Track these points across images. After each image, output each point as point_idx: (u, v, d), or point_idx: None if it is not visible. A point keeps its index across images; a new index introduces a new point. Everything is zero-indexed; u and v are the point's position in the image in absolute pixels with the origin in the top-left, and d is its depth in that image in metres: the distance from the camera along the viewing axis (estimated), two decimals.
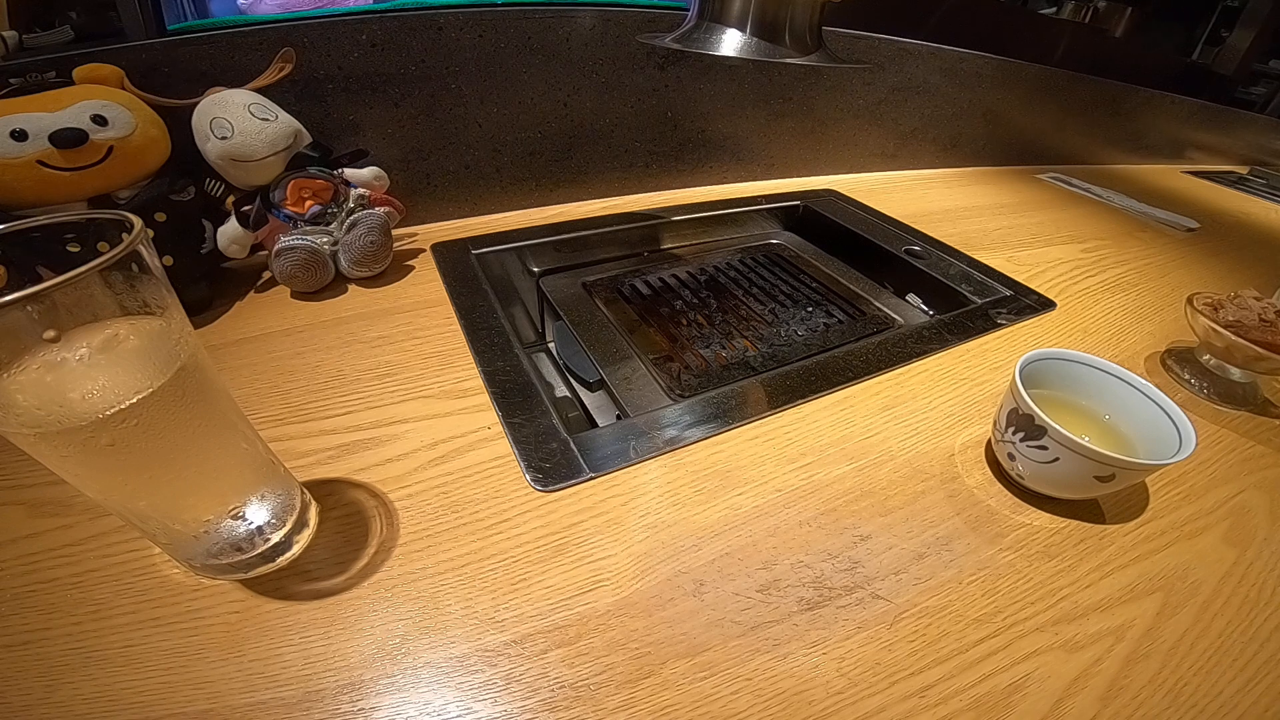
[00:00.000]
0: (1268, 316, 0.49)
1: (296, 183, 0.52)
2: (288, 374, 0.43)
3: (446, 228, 0.66)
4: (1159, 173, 1.23)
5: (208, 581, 0.30)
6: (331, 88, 0.56)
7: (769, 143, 0.84)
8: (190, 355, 0.25)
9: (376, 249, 0.53)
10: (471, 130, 0.64)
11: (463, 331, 0.49)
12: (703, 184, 0.83)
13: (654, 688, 0.27)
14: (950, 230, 0.76)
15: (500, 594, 0.30)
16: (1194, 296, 0.51)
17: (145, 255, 0.22)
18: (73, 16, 0.54)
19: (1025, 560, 0.34)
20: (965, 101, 0.96)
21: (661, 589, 0.31)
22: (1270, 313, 0.49)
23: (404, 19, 0.56)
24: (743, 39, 0.42)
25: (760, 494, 0.36)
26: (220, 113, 0.48)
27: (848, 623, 0.30)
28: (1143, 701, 0.28)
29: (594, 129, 0.71)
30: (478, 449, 0.38)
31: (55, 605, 0.28)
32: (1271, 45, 1.41)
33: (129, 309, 0.23)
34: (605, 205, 0.74)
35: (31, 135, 0.40)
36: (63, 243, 0.23)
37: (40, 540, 0.31)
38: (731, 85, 0.76)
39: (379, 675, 0.26)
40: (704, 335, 0.58)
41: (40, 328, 0.21)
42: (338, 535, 0.32)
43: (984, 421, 0.44)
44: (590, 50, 0.65)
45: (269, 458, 0.30)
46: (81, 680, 0.26)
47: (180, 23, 0.58)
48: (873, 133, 0.91)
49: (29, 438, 0.21)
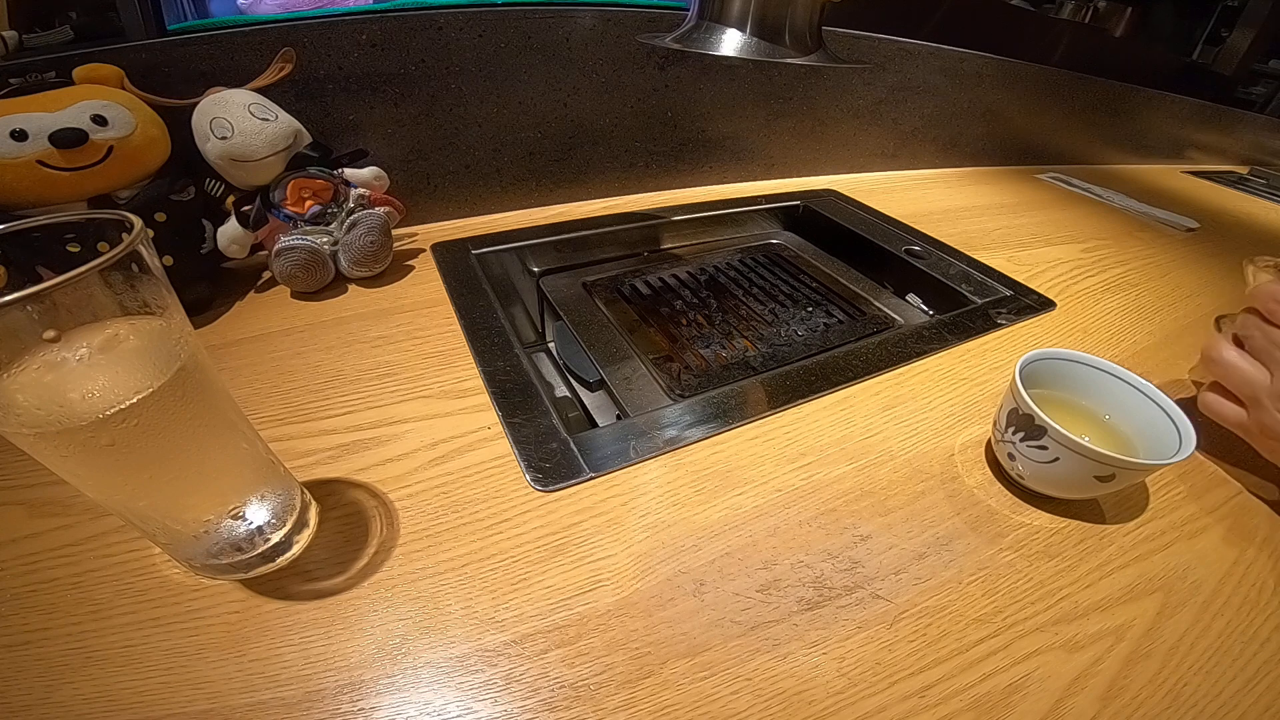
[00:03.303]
0: None
1: (296, 183, 0.52)
2: (288, 374, 0.43)
3: (446, 228, 0.66)
4: (1159, 173, 1.23)
5: (208, 581, 0.30)
6: (331, 88, 0.56)
7: (769, 143, 0.84)
8: (190, 355, 0.25)
9: (376, 249, 0.53)
10: (471, 130, 0.64)
11: (463, 331, 0.49)
12: (703, 184, 0.83)
13: (654, 688, 0.27)
14: (950, 230, 0.76)
15: (500, 594, 0.30)
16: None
17: (145, 255, 0.22)
18: (73, 16, 0.54)
19: (1025, 560, 0.34)
20: (965, 101, 0.96)
21: (661, 589, 0.31)
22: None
23: (404, 19, 0.56)
24: (743, 39, 0.42)
25: (760, 494, 0.36)
26: (220, 113, 0.48)
27: (848, 623, 0.30)
28: (1143, 701, 0.28)
29: (594, 129, 0.71)
30: (478, 449, 0.38)
31: (55, 605, 0.28)
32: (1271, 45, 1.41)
33: (129, 309, 0.23)
34: (605, 205, 0.74)
35: (31, 135, 0.40)
36: (63, 243, 0.23)
37: (40, 540, 0.31)
38: (731, 85, 0.76)
39: (379, 675, 0.26)
40: (704, 335, 0.58)
41: (40, 328, 0.21)
42: (338, 535, 0.32)
43: (984, 421, 0.44)
44: (590, 50, 0.65)
45: (269, 458, 0.30)
46: (81, 680, 0.26)
47: (180, 23, 0.58)
48: (873, 133, 0.91)
49: (29, 438, 0.21)
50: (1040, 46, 1.07)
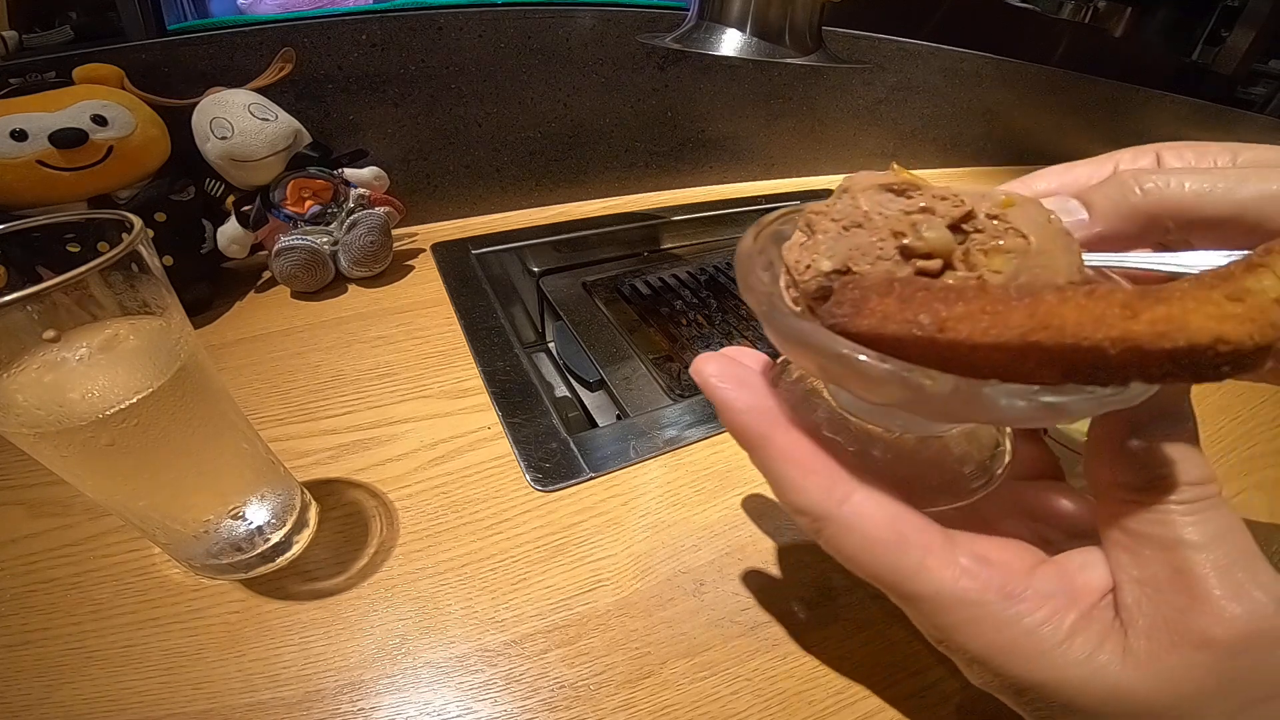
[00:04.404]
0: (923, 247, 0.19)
1: (296, 183, 0.52)
2: (288, 374, 0.43)
3: (446, 228, 0.66)
4: None
5: (208, 581, 0.30)
6: (331, 88, 0.56)
7: (769, 143, 0.84)
8: (190, 355, 0.25)
9: (376, 249, 0.53)
10: (471, 130, 0.64)
11: (463, 331, 0.49)
12: (703, 184, 0.83)
13: (654, 687, 0.27)
14: None
15: (500, 594, 0.30)
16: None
17: (145, 255, 0.22)
18: (73, 16, 0.54)
19: None
20: (965, 101, 0.96)
21: (661, 589, 0.31)
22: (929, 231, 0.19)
23: (404, 19, 0.56)
24: (743, 39, 0.42)
25: (760, 493, 0.36)
26: (220, 113, 0.48)
27: (848, 622, 0.30)
28: None
29: (594, 129, 0.71)
30: (478, 449, 0.38)
31: (55, 605, 0.28)
32: (1271, 45, 1.41)
33: (129, 309, 0.23)
34: (605, 205, 0.74)
35: (31, 135, 0.40)
36: (63, 243, 0.23)
37: (40, 540, 0.31)
38: (731, 85, 0.76)
39: (379, 675, 0.26)
40: (704, 335, 0.58)
41: (40, 328, 0.21)
42: (338, 535, 0.32)
43: None
44: (590, 50, 0.65)
45: (269, 458, 0.30)
46: (81, 680, 0.26)
47: (180, 23, 0.58)
48: (873, 133, 0.91)
49: (29, 438, 0.21)
50: (1040, 46, 1.07)
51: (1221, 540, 0.15)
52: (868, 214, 0.17)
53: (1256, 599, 0.15)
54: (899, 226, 0.17)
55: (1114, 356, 0.13)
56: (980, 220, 0.17)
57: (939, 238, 0.16)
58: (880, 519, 0.17)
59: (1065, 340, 0.13)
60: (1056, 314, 0.13)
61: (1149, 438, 0.16)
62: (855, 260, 0.17)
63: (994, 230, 0.17)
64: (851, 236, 0.17)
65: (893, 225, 0.17)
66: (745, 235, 0.20)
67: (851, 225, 0.17)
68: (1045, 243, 0.16)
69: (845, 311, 0.16)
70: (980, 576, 0.17)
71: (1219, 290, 0.12)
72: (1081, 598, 0.17)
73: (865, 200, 0.18)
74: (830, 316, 0.16)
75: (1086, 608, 0.16)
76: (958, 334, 0.14)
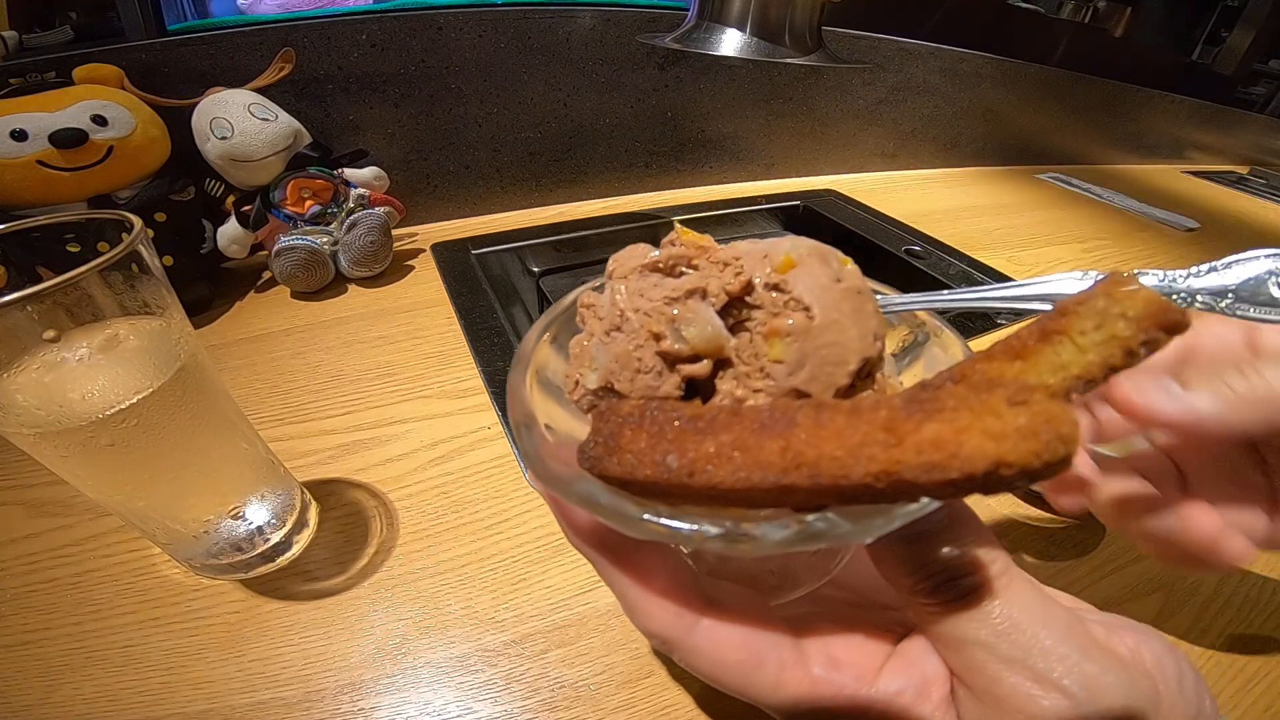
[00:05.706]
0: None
1: (296, 183, 0.52)
2: (288, 374, 0.43)
3: (446, 228, 0.66)
4: (1159, 173, 1.23)
5: (208, 581, 0.30)
6: (331, 88, 0.56)
7: (769, 143, 0.84)
8: (190, 355, 0.25)
9: (376, 249, 0.53)
10: (471, 130, 0.64)
11: (463, 331, 0.49)
12: (702, 184, 0.83)
13: (654, 687, 0.27)
14: (950, 230, 0.76)
15: (500, 594, 0.30)
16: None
17: (145, 255, 0.22)
18: (73, 16, 0.54)
19: (1025, 561, 0.34)
20: (965, 101, 0.96)
21: None
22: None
23: (404, 19, 0.56)
24: (743, 39, 0.42)
25: None
26: (220, 113, 0.48)
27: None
28: None
29: (594, 129, 0.71)
30: (478, 449, 0.38)
31: (55, 605, 0.28)
32: (1271, 45, 1.41)
33: (129, 309, 0.23)
34: (605, 205, 0.74)
35: (31, 135, 0.40)
36: (63, 243, 0.23)
37: (40, 540, 0.31)
38: (731, 85, 0.76)
39: (379, 675, 0.26)
40: None
41: (40, 328, 0.21)
42: (338, 535, 0.32)
43: None
44: (590, 50, 0.65)
45: (269, 458, 0.30)
46: (81, 680, 0.26)
47: (180, 23, 0.58)
48: (873, 133, 0.91)
49: (29, 438, 0.21)
50: (1040, 46, 1.07)
51: (1009, 632, 0.15)
52: (623, 314, 0.15)
53: (1050, 702, 0.14)
54: (657, 327, 0.15)
55: (883, 490, 0.11)
56: (758, 294, 0.15)
57: (701, 335, 0.14)
58: (733, 641, 0.17)
59: (822, 483, 0.11)
60: (812, 446, 0.12)
61: (922, 544, 0.16)
62: (616, 376, 0.15)
63: (773, 304, 0.15)
64: (612, 344, 0.15)
65: (651, 326, 0.15)
66: (528, 334, 0.18)
67: (611, 328, 0.15)
68: (830, 312, 0.14)
69: (598, 453, 0.14)
70: (834, 683, 0.16)
71: (998, 395, 0.11)
72: (930, 688, 0.16)
73: (625, 291, 0.15)
74: (585, 458, 0.14)
75: (938, 700, 0.16)
76: (710, 478, 0.12)
